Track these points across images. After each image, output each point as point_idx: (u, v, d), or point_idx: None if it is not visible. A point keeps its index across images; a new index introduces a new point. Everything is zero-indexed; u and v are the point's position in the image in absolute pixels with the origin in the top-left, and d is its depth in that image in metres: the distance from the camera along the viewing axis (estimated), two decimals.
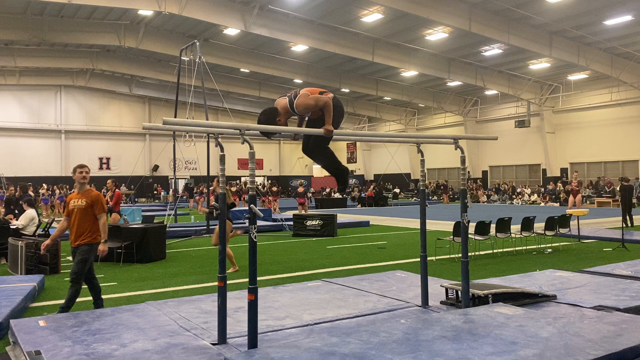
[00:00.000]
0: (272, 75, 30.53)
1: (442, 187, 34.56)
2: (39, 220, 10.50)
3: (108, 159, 38.51)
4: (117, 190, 11.74)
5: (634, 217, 15.43)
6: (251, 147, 4.11)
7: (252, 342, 4.06)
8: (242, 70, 30.39)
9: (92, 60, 30.51)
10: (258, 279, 4.41)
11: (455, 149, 5.49)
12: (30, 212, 10.25)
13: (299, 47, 26.08)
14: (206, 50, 23.81)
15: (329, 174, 4.96)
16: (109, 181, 12.34)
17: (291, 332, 4.78)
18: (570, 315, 5.07)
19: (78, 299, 6.75)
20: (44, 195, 25.31)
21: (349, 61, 28.45)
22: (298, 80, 32.42)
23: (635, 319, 4.88)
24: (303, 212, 19.47)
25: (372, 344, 3.99)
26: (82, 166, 5.95)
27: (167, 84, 30.56)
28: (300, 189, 22.21)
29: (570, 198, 17.39)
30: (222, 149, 4.44)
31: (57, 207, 24.50)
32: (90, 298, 6.12)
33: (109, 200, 11.61)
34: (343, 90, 33.74)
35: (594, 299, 5.65)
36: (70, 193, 6.99)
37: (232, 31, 24.04)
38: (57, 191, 26.46)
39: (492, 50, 25.65)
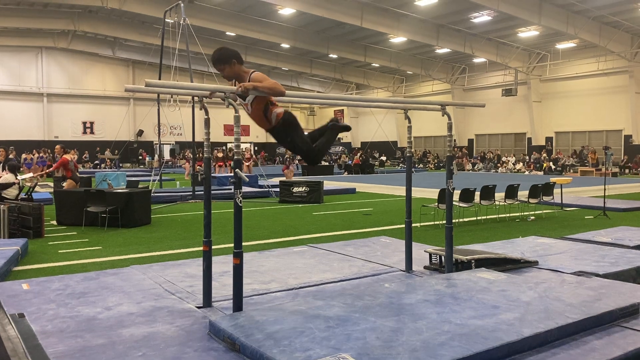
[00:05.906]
0: (259, 40, 29.98)
1: (460, 152, 34.55)
2: (21, 184, 10.36)
3: (92, 123, 37.93)
4: (63, 156, 11.86)
5: (616, 185, 15.61)
6: (236, 111, 4.05)
7: (237, 305, 4.08)
8: (228, 33, 29.81)
9: (74, 21, 29.70)
10: (244, 244, 4.39)
11: (443, 115, 5.46)
12: (6, 177, 10.11)
13: (287, 11, 25.57)
14: (191, 13, 23.19)
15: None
16: (57, 146, 12.43)
17: (276, 295, 4.81)
18: (551, 280, 5.16)
19: (62, 263, 6.75)
20: (26, 160, 25.04)
21: (337, 26, 27.99)
22: (285, 45, 31.88)
23: (613, 284, 4.99)
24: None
25: (356, 307, 4.03)
26: None
27: (152, 47, 29.90)
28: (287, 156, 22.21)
29: None
30: (206, 112, 4.37)
31: (37, 170, 24.30)
32: (76, 262, 6.10)
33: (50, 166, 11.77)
34: (331, 56, 33.30)
35: (575, 265, 5.75)
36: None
37: None
38: (36, 155, 26.44)
39: (482, 17, 25.42)
